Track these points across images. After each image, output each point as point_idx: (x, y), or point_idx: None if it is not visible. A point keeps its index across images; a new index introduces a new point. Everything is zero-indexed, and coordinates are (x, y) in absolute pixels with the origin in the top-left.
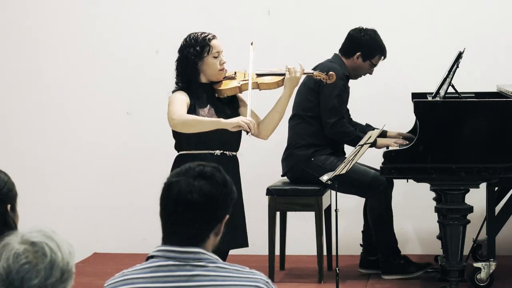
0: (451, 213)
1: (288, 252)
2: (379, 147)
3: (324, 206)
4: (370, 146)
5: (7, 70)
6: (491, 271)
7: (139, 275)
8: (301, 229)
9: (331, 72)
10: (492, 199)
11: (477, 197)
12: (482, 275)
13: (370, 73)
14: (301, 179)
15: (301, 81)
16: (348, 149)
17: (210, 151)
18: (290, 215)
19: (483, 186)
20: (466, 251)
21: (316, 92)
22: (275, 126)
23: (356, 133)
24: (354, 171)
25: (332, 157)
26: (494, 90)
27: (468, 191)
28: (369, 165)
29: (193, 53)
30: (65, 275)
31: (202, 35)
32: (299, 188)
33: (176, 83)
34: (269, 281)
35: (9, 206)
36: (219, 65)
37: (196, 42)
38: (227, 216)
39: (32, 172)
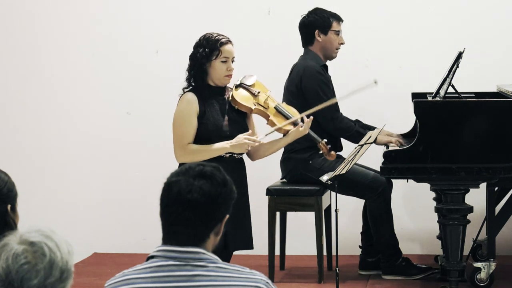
0: (451, 213)
1: (288, 252)
2: (379, 144)
3: (324, 206)
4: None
5: (8, 70)
6: (491, 271)
7: (139, 275)
8: (301, 229)
9: (332, 152)
10: (492, 199)
11: (477, 197)
12: (482, 275)
13: (343, 42)
14: (300, 182)
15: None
16: (348, 148)
17: (223, 154)
18: (290, 215)
19: (483, 186)
20: (466, 251)
21: (298, 95)
22: (265, 156)
23: (356, 128)
24: (353, 172)
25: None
26: (494, 90)
27: (468, 191)
28: (369, 165)
29: (202, 53)
30: (64, 274)
31: (215, 37)
32: (299, 188)
33: (186, 79)
34: (269, 281)
35: (9, 206)
36: (225, 71)
37: (207, 43)
38: (227, 216)
39: (32, 172)
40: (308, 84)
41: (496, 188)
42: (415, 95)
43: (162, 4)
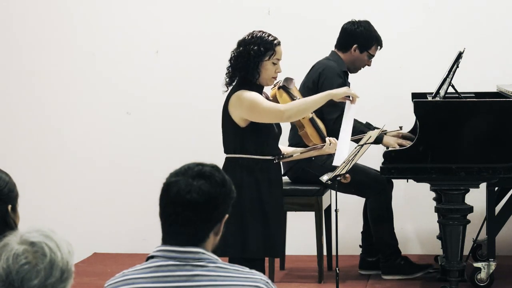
0: (451, 213)
1: (288, 252)
2: (385, 145)
3: (324, 206)
4: (374, 143)
5: (7, 70)
6: (491, 271)
7: (139, 275)
8: (301, 229)
9: (347, 175)
10: (492, 199)
11: (477, 197)
12: (482, 275)
13: (369, 65)
14: (301, 179)
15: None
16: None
17: (272, 157)
18: (290, 215)
19: (483, 186)
20: (466, 251)
21: (314, 91)
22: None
23: (360, 127)
24: (354, 171)
25: (333, 157)
26: (494, 90)
27: (468, 191)
28: (369, 165)
29: (257, 51)
30: (65, 274)
31: (269, 37)
32: (299, 188)
33: (230, 77)
34: (269, 281)
35: (9, 207)
36: (273, 72)
37: (261, 42)
38: (227, 216)
39: (32, 172)
40: (325, 83)
41: (496, 188)
42: (415, 95)
43: (162, 4)
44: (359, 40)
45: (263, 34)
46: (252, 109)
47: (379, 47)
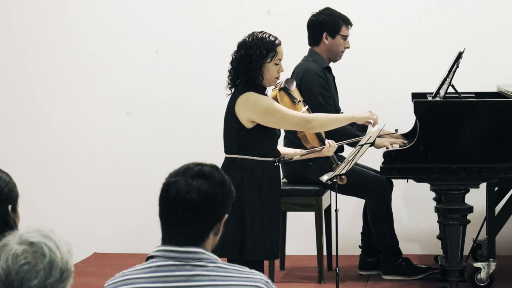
0: (451, 213)
1: (288, 252)
2: (378, 147)
3: (324, 206)
4: (369, 146)
5: (7, 70)
6: (491, 271)
7: (139, 275)
8: (301, 229)
9: (344, 177)
10: (492, 199)
11: (477, 197)
12: (482, 275)
13: (348, 47)
14: (300, 183)
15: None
16: (348, 149)
17: (273, 159)
18: (290, 215)
19: (483, 186)
20: (466, 251)
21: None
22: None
23: (352, 131)
24: (353, 172)
25: (330, 160)
26: (494, 90)
27: (468, 191)
28: (369, 165)
29: (259, 54)
30: (64, 274)
31: (270, 38)
32: (299, 188)
33: (232, 79)
34: (269, 281)
35: (10, 207)
36: (276, 73)
37: (263, 44)
38: (226, 216)
39: (32, 172)
40: (307, 87)
41: (496, 188)
42: (415, 95)
43: (162, 4)
44: (326, 27)
45: (264, 35)
46: (269, 114)
47: (349, 26)
